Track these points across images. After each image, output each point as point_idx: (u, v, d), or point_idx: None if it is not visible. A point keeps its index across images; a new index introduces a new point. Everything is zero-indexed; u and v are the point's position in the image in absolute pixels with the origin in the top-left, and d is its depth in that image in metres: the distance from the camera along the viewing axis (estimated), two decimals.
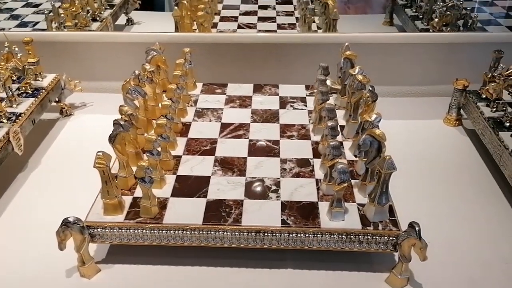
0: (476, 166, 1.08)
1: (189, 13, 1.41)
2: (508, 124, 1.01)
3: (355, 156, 0.82)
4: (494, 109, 1.07)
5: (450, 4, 1.43)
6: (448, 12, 1.41)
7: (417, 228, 0.71)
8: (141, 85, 0.95)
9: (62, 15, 1.40)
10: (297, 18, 1.56)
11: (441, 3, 1.45)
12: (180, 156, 0.93)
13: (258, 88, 1.20)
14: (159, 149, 0.82)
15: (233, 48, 1.36)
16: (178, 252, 0.83)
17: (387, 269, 0.80)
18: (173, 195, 0.83)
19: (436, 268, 0.82)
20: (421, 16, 1.51)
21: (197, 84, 1.21)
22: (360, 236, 0.76)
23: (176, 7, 1.39)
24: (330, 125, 0.83)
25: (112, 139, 0.77)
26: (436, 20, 1.45)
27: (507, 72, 1.03)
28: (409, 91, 1.37)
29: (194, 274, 0.81)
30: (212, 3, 1.55)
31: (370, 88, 0.89)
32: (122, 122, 0.78)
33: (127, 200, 0.81)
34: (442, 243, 0.87)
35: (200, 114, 1.09)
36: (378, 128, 0.80)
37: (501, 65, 1.06)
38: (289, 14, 1.62)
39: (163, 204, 0.81)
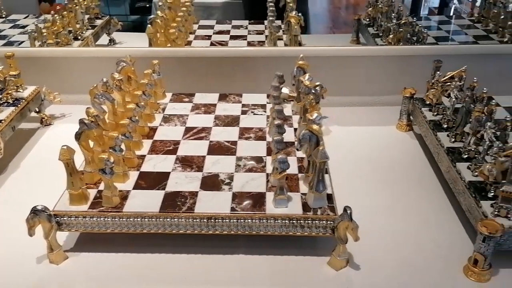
0: (421, 165, 1.17)
1: (162, 31, 1.53)
2: (445, 126, 1.11)
3: (297, 149, 0.92)
4: (435, 113, 1.17)
5: (402, 22, 1.57)
6: (401, 29, 1.55)
7: (348, 211, 0.80)
8: (109, 91, 1.04)
9: (45, 34, 1.51)
10: (266, 36, 1.68)
11: (395, 21, 1.58)
12: (145, 155, 1.02)
13: (223, 97, 1.30)
14: (122, 146, 0.91)
15: (203, 62, 1.47)
16: (141, 240, 0.91)
17: (329, 253, 0.88)
18: (134, 187, 0.91)
19: (374, 251, 0.90)
20: (380, 34, 1.64)
21: (167, 94, 1.31)
22: (301, 221, 0.85)
23: (149, 25, 1.50)
24: (276, 123, 0.93)
25: (77, 136, 0.86)
26: (391, 36, 1.58)
27: (443, 79, 1.14)
28: (366, 100, 1.48)
29: (154, 261, 0.89)
30: (186, 23, 1.66)
31: (313, 91, 0.99)
32: (86, 121, 0.87)
33: (92, 193, 0.90)
34: (381, 230, 0.96)
35: (166, 119, 1.18)
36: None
37: (438, 72, 1.17)
38: (260, 32, 1.74)
39: (124, 196, 0.89)
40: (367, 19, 1.75)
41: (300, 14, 1.56)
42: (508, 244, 0.81)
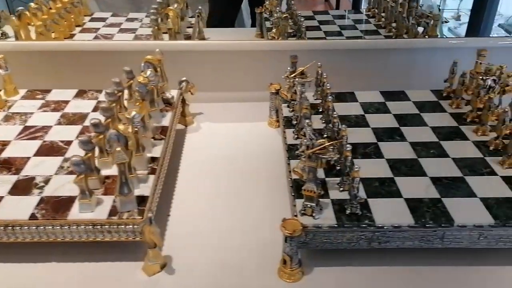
0: (280, 164, 1.15)
1: (31, 23, 1.44)
2: (294, 122, 1.09)
3: (107, 150, 0.87)
4: (291, 109, 1.15)
5: (283, 16, 1.55)
6: (284, 23, 1.52)
7: (149, 215, 0.76)
8: None
9: None
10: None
11: (276, 15, 1.56)
12: None
13: (81, 93, 1.23)
14: None
15: (67, 56, 1.40)
16: None
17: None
18: None
19: (195, 254, 0.87)
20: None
21: (20, 90, 1.23)
22: (106, 226, 0.80)
23: (14, 18, 1.41)
24: (92, 122, 0.87)
25: None
26: (274, 30, 1.56)
27: (292, 75, 1.12)
28: (241, 96, 1.45)
29: None
30: (69, 15, 1.57)
31: (137, 88, 0.95)
32: None
33: None
34: (211, 231, 0.92)
35: (8, 118, 1.11)
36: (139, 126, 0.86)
37: (288, 68, 1.15)
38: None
39: None
40: (267, 12, 1.72)
41: (200, 8, 1.55)
42: (315, 243, 0.80)
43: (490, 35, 1.67)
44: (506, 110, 0.96)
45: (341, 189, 0.86)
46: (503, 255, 0.85)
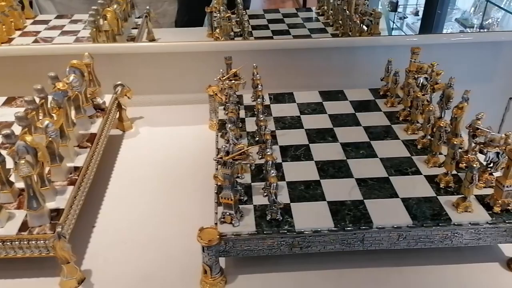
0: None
1: None
2: (229, 126, 1.07)
3: (15, 162, 0.83)
4: (227, 112, 1.13)
5: (226, 16, 1.52)
6: (225, 23, 1.50)
7: (58, 229, 0.73)
8: None
9: None
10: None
11: (219, 15, 1.53)
12: None
13: (9, 101, 1.19)
14: None
15: (5, 61, 1.35)
16: None
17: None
18: None
19: (117, 266, 0.84)
20: None
21: None
22: (17, 242, 0.77)
23: None
24: (3, 132, 0.83)
25: None
26: (218, 30, 1.53)
27: (224, 77, 1.10)
28: (185, 98, 1.42)
29: None
30: (8, 18, 1.51)
31: (53, 95, 0.91)
32: None
33: None
34: (134, 241, 0.90)
35: None
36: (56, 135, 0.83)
37: (221, 70, 1.13)
38: None
39: None
40: (216, 12, 1.69)
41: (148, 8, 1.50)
42: (236, 251, 0.79)
43: (445, 31, 1.69)
44: (431, 108, 0.97)
45: (265, 194, 0.85)
46: (425, 255, 0.85)
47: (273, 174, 0.77)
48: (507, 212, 0.80)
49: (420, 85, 1.14)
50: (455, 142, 0.83)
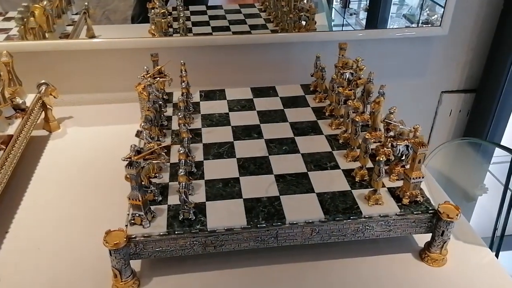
0: None
1: None
2: (142, 124, 1.04)
3: None
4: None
5: (160, 12, 1.50)
6: (158, 20, 1.48)
7: None
8: None
9: None
10: None
11: (154, 11, 1.51)
12: None
13: None
14: None
15: None
16: None
17: None
18: None
19: (26, 274, 0.81)
20: None
21: None
22: None
23: None
24: None
25: None
26: (153, 27, 1.50)
27: (147, 75, 1.08)
28: (115, 97, 1.39)
29: None
30: None
31: None
32: None
33: None
34: (47, 247, 0.87)
35: None
36: None
37: (145, 67, 1.10)
38: None
39: None
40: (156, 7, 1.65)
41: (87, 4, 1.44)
42: (147, 252, 0.77)
43: (391, 26, 1.72)
44: (349, 103, 0.98)
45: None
46: (341, 249, 0.86)
47: (181, 173, 0.76)
48: (416, 204, 0.82)
49: (346, 80, 1.16)
50: (366, 137, 0.84)
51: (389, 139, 0.88)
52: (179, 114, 0.94)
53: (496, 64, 1.55)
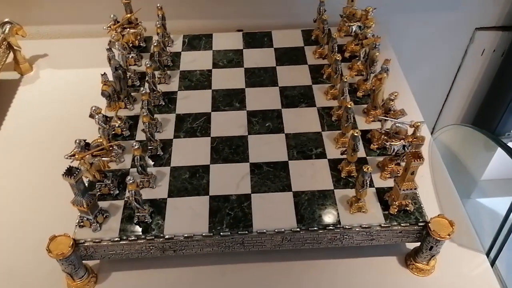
0: None
1: None
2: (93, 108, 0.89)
3: None
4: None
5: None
6: None
7: None
8: None
9: None
10: None
11: None
12: None
13: None
14: None
15: None
16: None
17: None
18: None
19: None
20: None
21: None
22: None
23: None
24: None
25: None
26: None
27: (115, 26, 0.91)
28: (98, 29, 1.22)
29: None
30: None
31: None
32: None
33: None
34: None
35: None
36: None
37: (112, 15, 0.93)
38: None
39: None
40: None
41: None
42: (100, 255, 0.71)
43: None
44: (345, 79, 0.81)
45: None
46: (316, 250, 0.78)
47: (131, 181, 0.66)
48: (405, 213, 0.72)
49: (353, 33, 0.97)
50: (355, 134, 0.70)
51: (382, 135, 0.74)
52: (142, 90, 0.81)
53: None
